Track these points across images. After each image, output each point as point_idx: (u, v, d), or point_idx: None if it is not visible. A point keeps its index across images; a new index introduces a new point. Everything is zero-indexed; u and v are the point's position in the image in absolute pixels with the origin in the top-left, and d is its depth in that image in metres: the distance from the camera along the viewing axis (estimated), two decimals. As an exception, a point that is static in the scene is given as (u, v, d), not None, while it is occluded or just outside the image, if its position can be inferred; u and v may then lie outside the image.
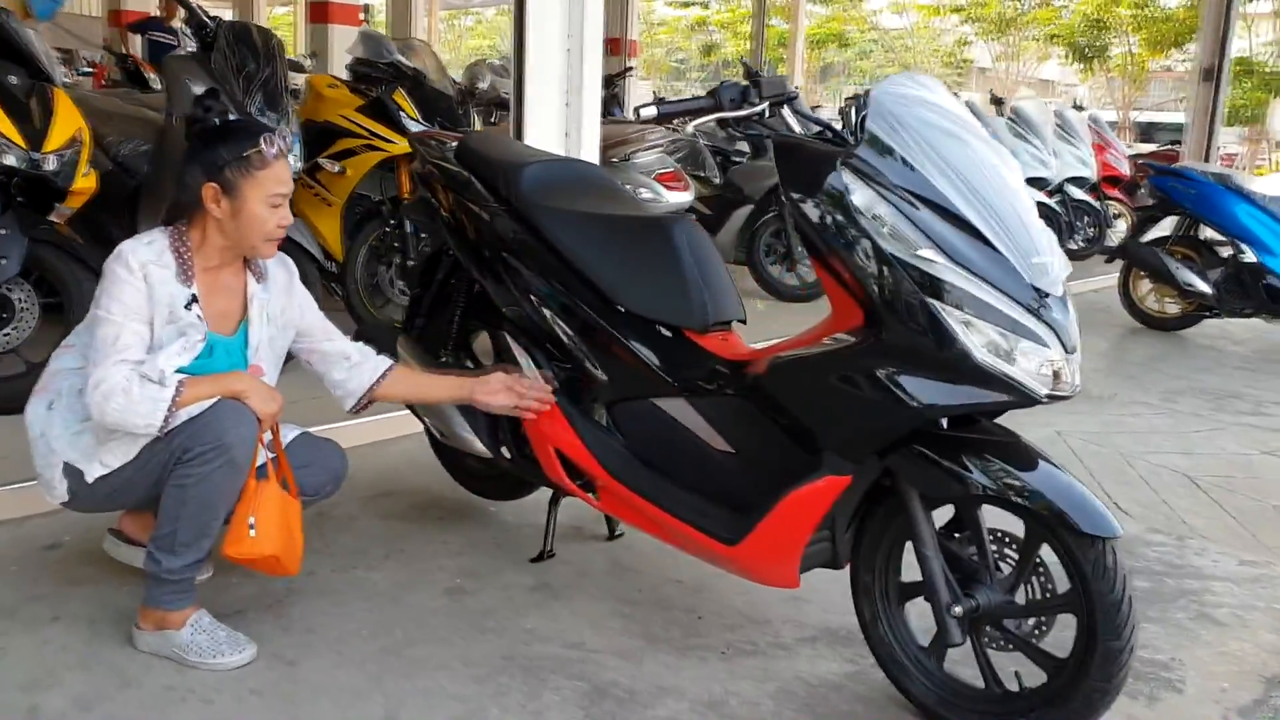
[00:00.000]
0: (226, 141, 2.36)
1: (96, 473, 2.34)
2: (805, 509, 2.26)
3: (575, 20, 4.46)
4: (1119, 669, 2.09)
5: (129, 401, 2.20)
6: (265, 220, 2.38)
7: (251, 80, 4.10)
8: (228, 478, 2.29)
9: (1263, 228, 6.41)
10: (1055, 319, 2.10)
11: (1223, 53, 10.36)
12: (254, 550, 2.33)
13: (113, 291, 2.28)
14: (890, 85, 2.21)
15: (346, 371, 2.66)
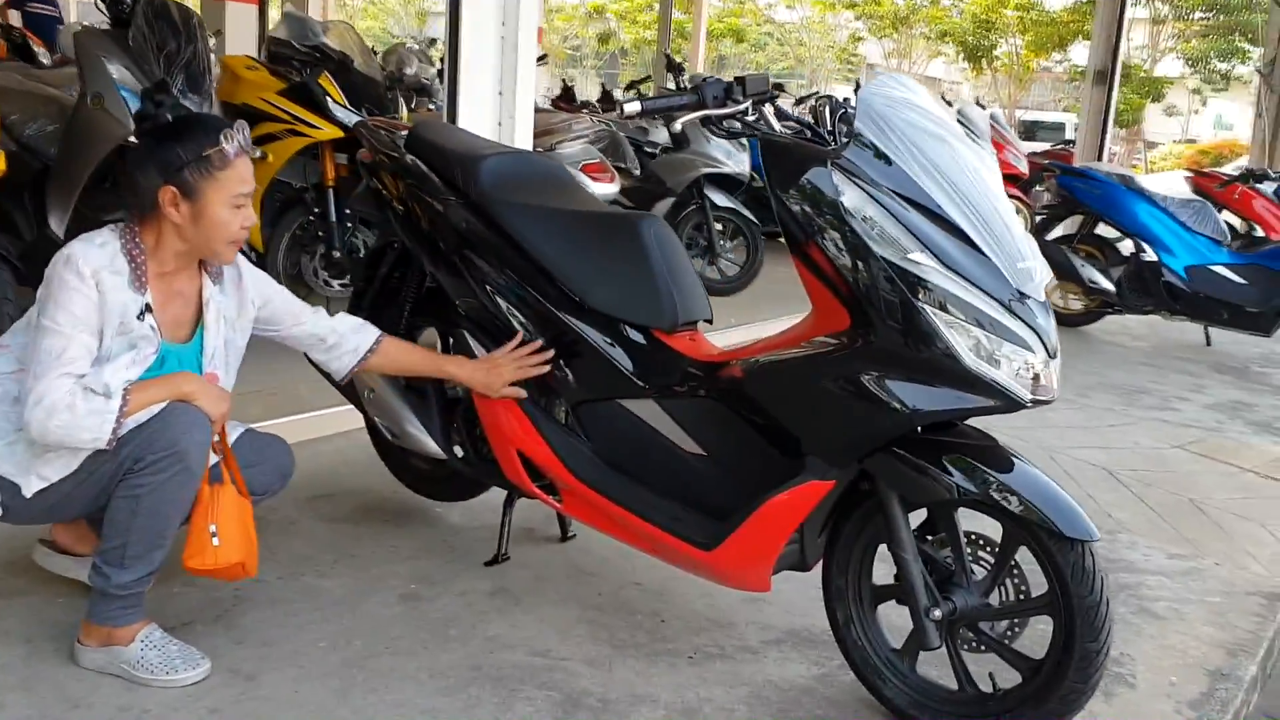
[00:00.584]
0: (182, 139, 2.19)
1: (34, 486, 2.18)
2: (785, 514, 2.24)
3: (510, 9, 4.37)
4: (1096, 670, 2.12)
5: (73, 417, 2.06)
6: (228, 223, 2.24)
7: (173, 60, 3.90)
8: (183, 486, 2.17)
9: (1162, 228, 6.65)
10: (1040, 324, 2.11)
11: (1115, 56, 10.68)
12: (219, 560, 2.22)
13: (60, 299, 2.11)
14: (877, 87, 2.19)
15: (324, 354, 2.58)
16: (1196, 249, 6.60)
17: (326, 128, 4.46)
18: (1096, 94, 10.91)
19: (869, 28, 30.70)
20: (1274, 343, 7.03)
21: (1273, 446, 4.99)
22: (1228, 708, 2.61)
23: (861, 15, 29.95)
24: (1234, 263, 6.57)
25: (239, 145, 2.22)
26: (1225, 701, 2.63)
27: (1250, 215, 7.69)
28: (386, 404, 2.85)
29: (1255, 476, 4.58)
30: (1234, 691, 2.68)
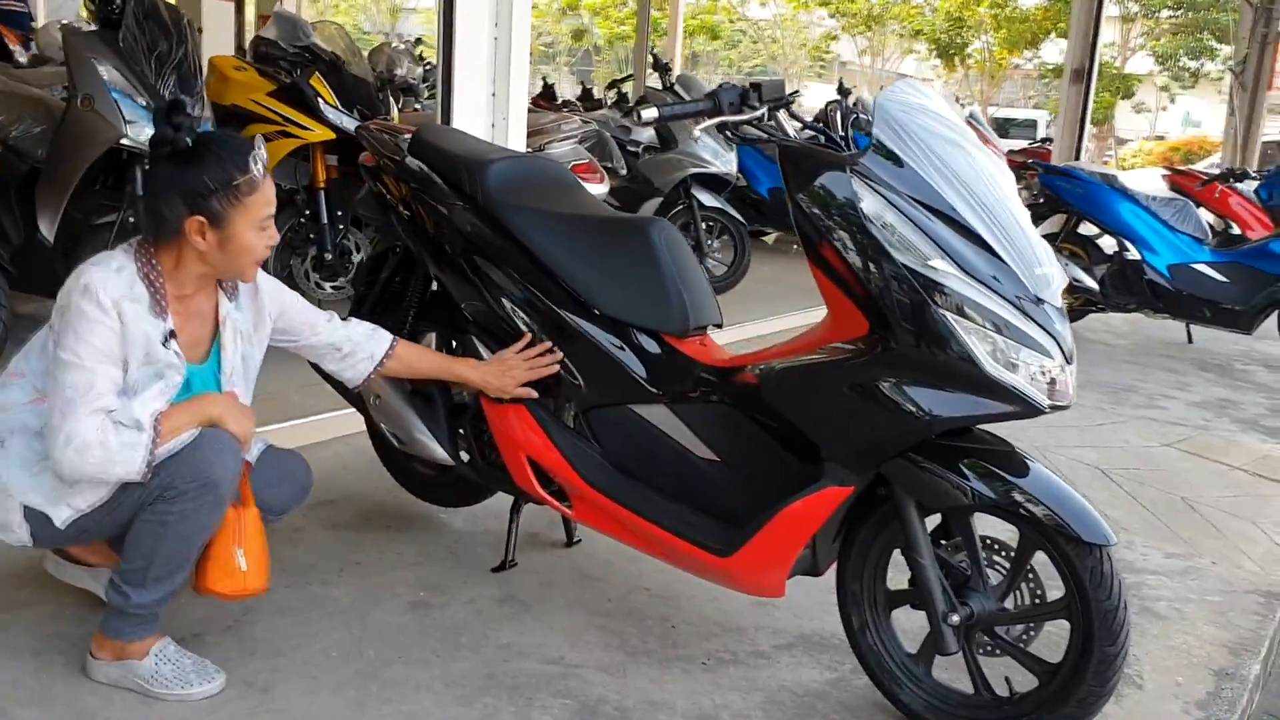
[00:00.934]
0: (206, 165, 2.11)
1: (65, 516, 2.14)
2: (803, 520, 2.23)
3: (503, 11, 4.34)
4: (1114, 673, 2.13)
5: (106, 453, 2.02)
6: (255, 246, 2.19)
7: (164, 61, 3.86)
8: (212, 513, 2.15)
9: (1145, 226, 6.70)
10: (1057, 329, 2.12)
11: (1092, 54, 10.75)
12: (246, 585, 2.21)
13: (80, 331, 2.05)
14: (894, 93, 2.19)
15: (339, 363, 2.56)
16: (1179, 248, 6.66)
17: (318, 129, 4.42)
18: (1074, 92, 10.98)
19: (842, 25, 30.79)
20: (1254, 340, 7.11)
21: (1259, 444, 5.04)
22: (1235, 708, 2.63)
23: (835, 13, 30.02)
24: (1215, 261, 6.63)
25: (263, 165, 2.17)
26: (1232, 702, 2.65)
27: (1227, 213, 7.78)
28: (393, 410, 2.82)
29: (1244, 474, 4.63)
30: (1239, 691, 2.70)
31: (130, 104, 3.81)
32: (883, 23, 29.42)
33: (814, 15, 32.62)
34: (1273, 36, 12.77)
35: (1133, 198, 6.78)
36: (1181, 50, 23.99)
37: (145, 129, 3.82)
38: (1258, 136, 13.03)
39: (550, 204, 2.69)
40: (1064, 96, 11.17)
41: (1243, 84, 12.85)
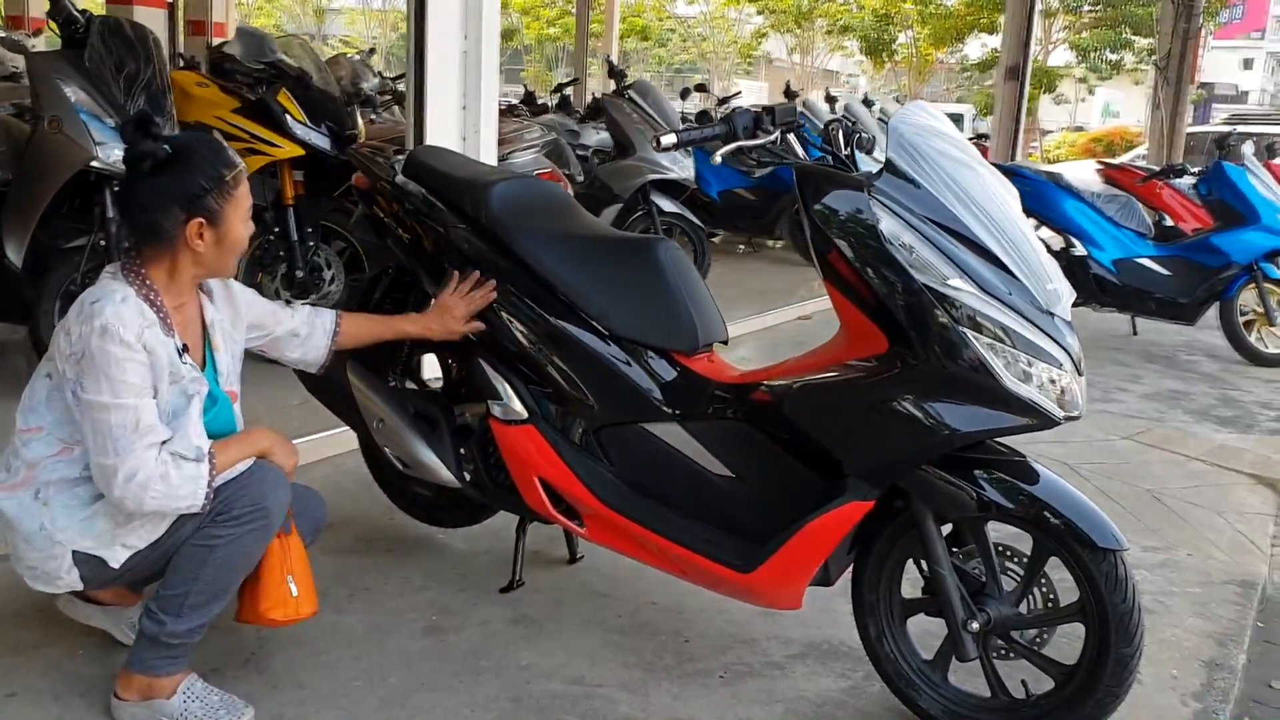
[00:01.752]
0: (194, 167, 2.13)
1: (121, 557, 2.13)
2: (828, 534, 2.28)
3: (472, 23, 4.35)
4: (1130, 673, 2.21)
5: (168, 487, 2.04)
6: (244, 239, 2.25)
7: (133, 80, 3.79)
8: (259, 541, 2.17)
9: (1090, 223, 6.87)
10: (1068, 342, 2.19)
11: (1026, 52, 11.02)
12: (300, 610, 2.24)
13: (112, 374, 2.03)
14: (906, 116, 2.25)
15: (300, 349, 2.58)
16: (1123, 243, 6.84)
17: (287, 146, 4.37)
18: (1009, 89, 11.24)
19: (771, 23, 31.03)
20: (1195, 331, 7.32)
21: (1214, 434, 5.21)
22: (1228, 697, 2.73)
23: (763, 10, 30.25)
24: (1159, 255, 6.82)
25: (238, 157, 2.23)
26: (1225, 691, 2.75)
27: (1162, 207, 7.98)
28: (397, 434, 2.81)
29: (1202, 464, 4.78)
30: (1231, 681, 2.81)
31: (99, 125, 3.74)
32: (811, 20, 29.71)
33: (743, 12, 32.86)
34: (1194, 31, 13.18)
35: (1078, 195, 6.95)
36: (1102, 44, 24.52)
37: (115, 150, 3.76)
38: (1182, 128, 13.42)
39: (553, 225, 2.71)
40: (999, 94, 11.42)
41: (1167, 78, 13.22)
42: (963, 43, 27.72)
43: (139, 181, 2.14)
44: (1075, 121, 41.07)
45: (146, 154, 2.13)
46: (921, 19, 26.71)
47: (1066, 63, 30.30)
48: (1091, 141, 27.32)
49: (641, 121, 6.71)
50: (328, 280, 4.63)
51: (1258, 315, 6.71)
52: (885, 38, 27.42)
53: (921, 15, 26.54)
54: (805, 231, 2.28)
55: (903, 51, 28.88)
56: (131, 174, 2.17)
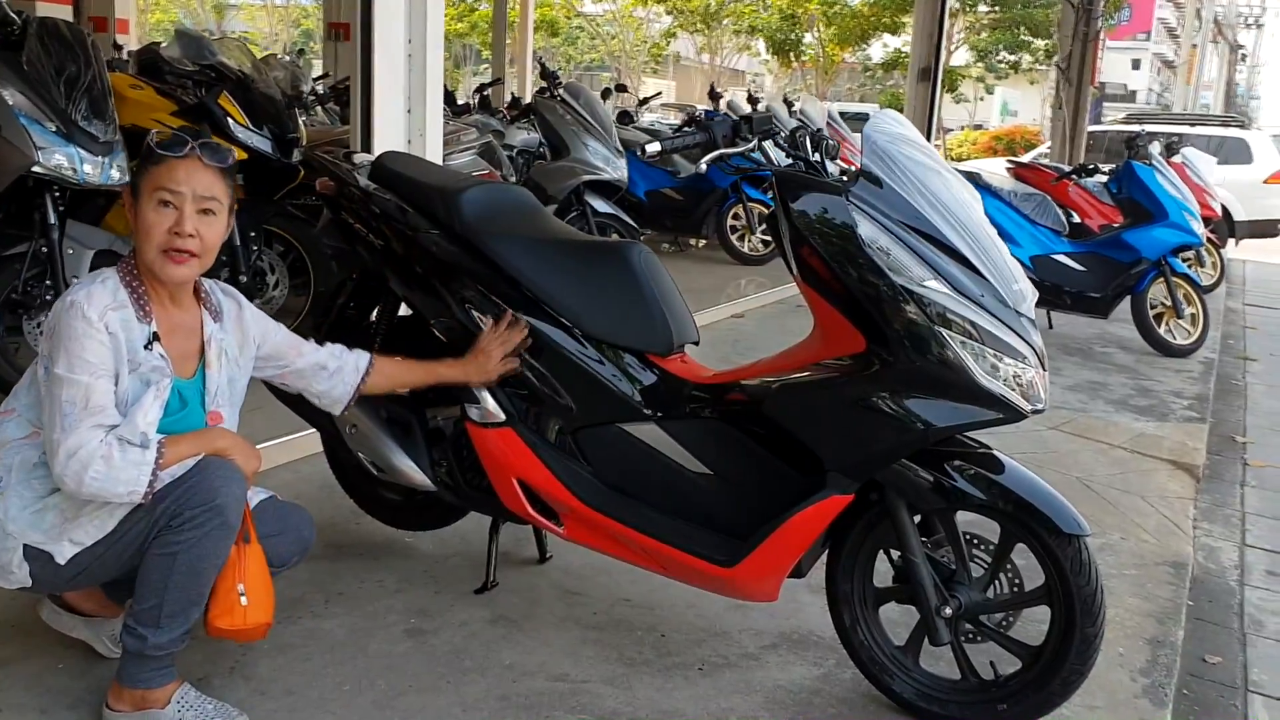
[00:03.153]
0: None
1: (68, 553, 2.10)
2: (808, 528, 2.36)
3: (416, 26, 4.35)
4: (1094, 652, 2.34)
5: (109, 469, 2.00)
6: (154, 225, 2.11)
7: (74, 83, 3.71)
8: (220, 541, 2.13)
9: (1009, 221, 7.11)
10: (1033, 339, 2.31)
11: (938, 53, 11.28)
12: (248, 620, 2.18)
13: (71, 348, 2.03)
14: (879, 124, 2.34)
15: (327, 382, 2.54)
16: (1040, 240, 7.09)
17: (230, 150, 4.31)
18: (921, 90, 11.49)
19: (679, 22, 31.24)
20: (1106, 324, 7.62)
21: (1133, 422, 5.45)
22: (1172, 671, 2.89)
23: (672, 10, 30.44)
24: (1074, 251, 7.09)
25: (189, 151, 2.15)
26: (1169, 666, 2.91)
27: (1070, 204, 8.27)
28: (371, 439, 2.82)
29: (1125, 452, 5.01)
30: (1173, 656, 2.97)
31: (40, 129, 3.66)
32: (719, 20, 30.00)
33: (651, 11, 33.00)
34: (1093, 34, 13.64)
35: (996, 194, 7.19)
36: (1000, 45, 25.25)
37: (57, 155, 3.69)
38: (1084, 128, 13.88)
39: (526, 229, 2.75)
40: (911, 95, 11.66)
41: (1068, 79, 13.66)
42: (867, 43, 28.27)
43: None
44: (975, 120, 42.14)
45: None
46: (827, 19, 27.17)
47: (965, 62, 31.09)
48: (993, 140, 28.05)
49: (574, 123, 6.74)
50: (271, 285, 4.59)
51: (1166, 309, 7.01)
52: (792, 38, 27.83)
53: (827, 16, 26.99)
54: (784, 235, 2.36)
55: (809, 52, 29.32)
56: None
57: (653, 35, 34.15)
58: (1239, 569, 4.08)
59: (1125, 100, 53.17)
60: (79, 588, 2.28)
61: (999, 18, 26.72)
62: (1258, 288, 12.23)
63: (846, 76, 40.37)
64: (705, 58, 33.31)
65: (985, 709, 2.44)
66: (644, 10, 32.97)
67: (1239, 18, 52.62)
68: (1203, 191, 8.78)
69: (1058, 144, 14.02)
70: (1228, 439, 5.79)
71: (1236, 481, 5.14)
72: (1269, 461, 5.46)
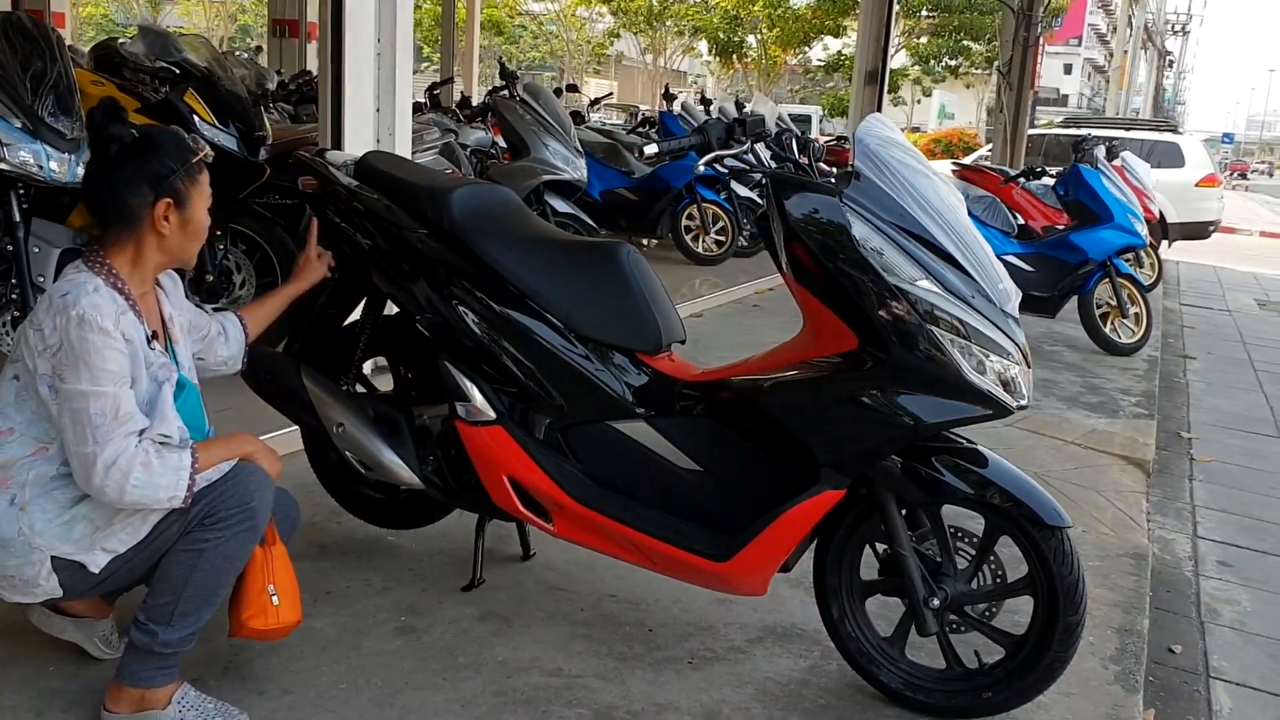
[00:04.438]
0: (162, 150, 2.18)
1: (101, 561, 2.10)
2: (802, 522, 2.41)
3: (386, 25, 4.35)
4: (1076, 640, 2.42)
5: (150, 475, 2.02)
6: (206, 226, 2.27)
7: (40, 80, 3.65)
8: (246, 543, 2.17)
9: (959, 222, 7.23)
10: (1018, 337, 2.38)
11: (884, 57, 11.46)
12: (280, 619, 2.23)
13: (93, 361, 2.01)
14: (870, 129, 2.40)
15: (226, 347, 2.61)
16: (990, 241, 7.19)
17: (195, 147, 4.27)
18: (868, 93, 11.66)
19: (623, 23, 31.31)
20: (1053, 323, 7.79)
21: (1085, 419, 5.59)
22: (1140, 659, 2.99)
23: (615, 10, 30.49)
24: (1022, 252, 7.24)
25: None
26: (1137, 655, 3.01)
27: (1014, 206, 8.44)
28: (357, 438, 2.82)
29: (1079, 448, 5.14)
30: (1140, 645, 3.07)
31: (5, 126, 3.59)
32: (663, 20, 30.11)
33: (594, 11, 33.03)
34: (1033, 40, 13.90)
35: (947, 195, 7.30)
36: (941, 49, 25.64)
37: (22, 152, 3.63)
38: (1025, 131, 14.15)
39: (514, 230, 2.77)
40: (857, 98, 11.83)
41: (1009, 84, 13.91)
42: (809, 46, 28.55)
43: (106, 166, 2.16)
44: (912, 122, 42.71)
45: (115, 137, 2.16)
46: (770, 22, 27.39)
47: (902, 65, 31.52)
48: (932, 142, 28.44)
49: (534, 123, 6.75)
50: (238, 284, 4.55)
51: (1112, 308, 7.20)
52: (735, 40, 28.02)
53: (770, 18, 27.22)
54: (776, 234, 2.41)
55: (752, 54, 29.54)
56: (98, 158, 2.19)
57: (596, 35, 34.16)
58: (1193, 560, 4.22)
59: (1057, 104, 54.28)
60: (106, 591, 2.26)
61: (940, 23, 27.12)
62: (1191, 287, 12.59)
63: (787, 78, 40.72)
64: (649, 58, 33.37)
65: (971, 697, 2.51)
66: (587, 10, 33.00)
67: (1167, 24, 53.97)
68: (1141, 194, 9.01)
69: (999, 147, 14.26)
70: (1174, 435, 5.97)
71: (1185, 476, 5.31)
72: (1213, 456, 5.64)
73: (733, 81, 35.06)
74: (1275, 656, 3.43)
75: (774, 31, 27.77)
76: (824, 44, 30.02)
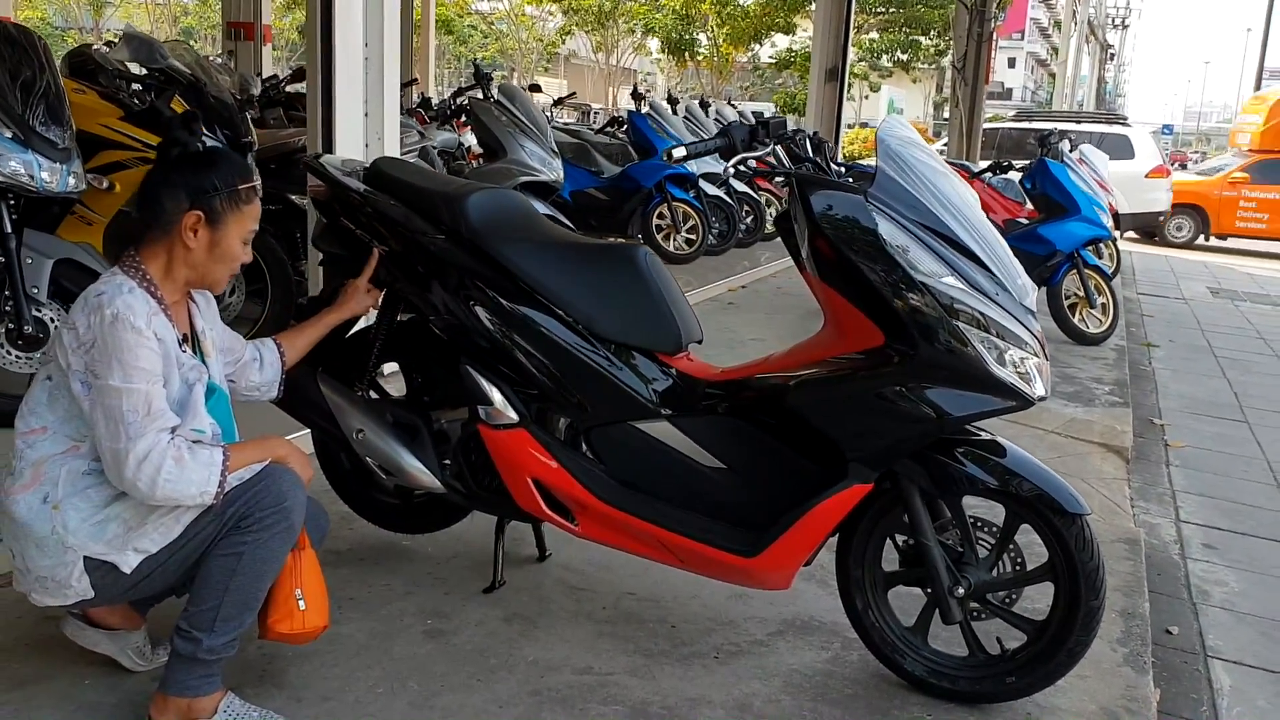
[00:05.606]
0: (215, 168, 2.21)
1: (133, 562, 2.10)
2: (830, 516, 2.46)
3: (373, 30, 4.35)
4: (1097, 624, 2.49)
5: (182, 470, 2.03)
6: (238, 257, 2.28)
7: (30, 89, 3.60)
8: (284, 544, 2.18)
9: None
10: (1037, 331, 2.44)
11: (843, 54, 11.56)
12: (306, 624, 2.24)
13: (126, 359, 2.03)
14: (891, 129, 2.45)
15: (260, 373, 2.62)
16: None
17: (182, 154, 4.23)
18: (828, 90, 11.78)
19: (574, 21, 31.28)
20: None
21: (1063, 409, 5.70)
22: (1146, 641, 3.08)
23: (566, 9, 30.46)
24: (991, 246, 7.34)
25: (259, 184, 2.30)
26: (1141, 636, 3.10)
27: (979, 200, 8.58)
28: (378, 444, 2.83)
29: (1059, 437, 5.25)
30: (1144, 627, 3.16)
31: (-14, 132, 3.54)
32: (615, 19, 30.12)
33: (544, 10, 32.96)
34: (986, 35, 14.11)
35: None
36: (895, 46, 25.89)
37: (12, 162, 3.58)
38: (979, 125, 14.36)
39: (531, 234, 2.79)
40: (817, 96, 11.91)
41: (964, 79, 14.11)
42: (760, 43, 28.70)
43: (162, 168, 2.20)
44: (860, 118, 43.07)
45: (181, 142, 2.22)
46: (720, 19, 27.51)
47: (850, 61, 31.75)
48: (883, 137, 28.70)
49: (510, 125, 6.75)
50: (228, 291, 4.51)
51: (1079, 299, 7.34)
52: (686, 38, 28.10)
53: (720, 16, 27.33)
54: (800, 234, 2.45)
55: (704, 52, 29.64)
56: (160, 160, 2.23)
57: (547, 33, 34.10)
58: (1179, 544, 4.33)
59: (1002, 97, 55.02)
60: (139, 596, 2.25)
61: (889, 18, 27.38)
62: (1146, 276, 12.85)
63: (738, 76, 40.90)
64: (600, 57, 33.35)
65: (995, 682, 2.57)
66: (536, 9, 32.94)
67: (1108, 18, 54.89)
68: (1101, 186, 9.19)
69: (954, 141, 14.45)
70: (1146, 422, 6.11)
71: (1161, 462, 5.44)
72: (1186, 442, 5.78)
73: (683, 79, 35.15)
74: (1267, 635, 3.53)
75: (724, 29, 27.88)
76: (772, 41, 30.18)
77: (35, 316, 3.67)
